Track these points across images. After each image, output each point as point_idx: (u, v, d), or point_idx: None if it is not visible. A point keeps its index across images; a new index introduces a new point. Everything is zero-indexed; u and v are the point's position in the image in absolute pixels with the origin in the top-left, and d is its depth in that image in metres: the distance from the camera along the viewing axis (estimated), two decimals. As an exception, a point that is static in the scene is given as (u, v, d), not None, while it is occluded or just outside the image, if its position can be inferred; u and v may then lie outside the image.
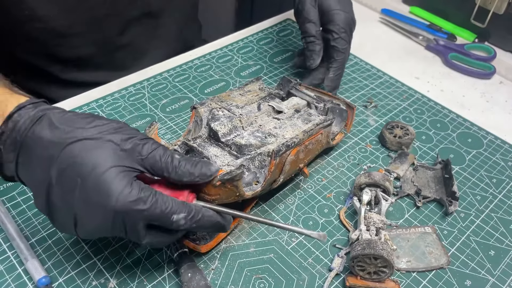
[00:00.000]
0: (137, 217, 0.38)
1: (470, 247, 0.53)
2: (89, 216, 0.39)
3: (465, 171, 0.63)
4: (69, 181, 0.38)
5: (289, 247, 0.52)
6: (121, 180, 0.38)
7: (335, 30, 0.66)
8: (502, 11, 0.83)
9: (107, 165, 0.38)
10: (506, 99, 0.77)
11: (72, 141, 0.39)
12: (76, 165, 0.38)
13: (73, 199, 0.38)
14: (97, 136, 0.39)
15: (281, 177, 0.52)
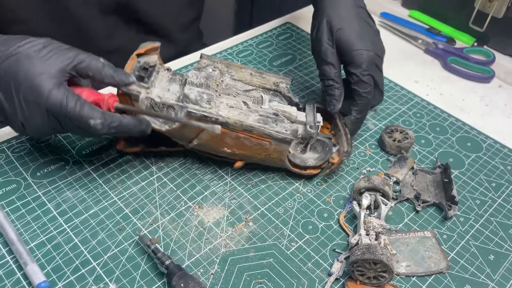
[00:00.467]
0: (64, 116, 0.47)
1: (469, 252, 0.53)
2: (29, 116, 0.48)
3: (464, 175, 0.63)
4: (8, 89, 0.47)
5: (288, 251, 0.52)
6: (50, 83, 0.46)
7: (356, 73, 0.59)
8: (501, 15, 0.83)
9: (37, 71, 0.46)
10: (505, 102, 0.77)
11: (8, 56, 0.47)
12: (12, 74, 0.46)
13: (14, 103, 0.47)
14: (29, 51, 0.47)
15: (195, 141, 0.55)
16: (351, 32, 0.60)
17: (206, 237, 0.53)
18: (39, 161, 0.59)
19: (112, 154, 0.61)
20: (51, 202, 0.55)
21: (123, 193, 0.56)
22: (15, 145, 0.61)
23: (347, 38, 0.60)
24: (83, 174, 0.58)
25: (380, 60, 0.63)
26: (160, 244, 0.51)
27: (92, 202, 0.55)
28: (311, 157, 0.60)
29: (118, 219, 0.53)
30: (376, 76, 0.61)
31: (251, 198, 0.57)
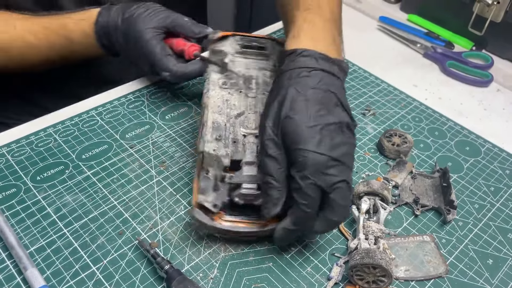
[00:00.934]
0: (151, 60, 0.65)
1: (468, 256, 0.53)
2: (133, 55, 0.67)
3: (463, 179, 0.63)
4: (126, 35, 0.65)
5: (288, 256, 0.52)
6: (149, 34, 0.64)
7: (296, 177, 0.45)
8: (500, 19, 0.83)
9: (142, 27, 0.64)
10: (504, 107, 0.77)
11: (128, 15, 0.65)
12: (130, 27, 0.65)
13: (129, 45, 0.66)
14: (139, 12, 0.65)
15: None
16: (300, 124, 0.46)
17: (206, 241, 0.53)
18: (39, 165, 0.59)
19: (112, 159, 0.61)
20: (51, 206, 0.55)
21: (123, 197, 0.56)
22: (15, 149, 0.61)
23: (293, 130, 0.46)
24: (83, 179, 0.58)
25: (339, 170, 0.45)
26: (160, 249, 0.51)
27: (92, 207, 0.55)
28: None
29: (117, 224, 0.54)
30: (328, 189, 0.45)
31: (250, 202, 0.57)
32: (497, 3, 0.82)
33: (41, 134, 0.64)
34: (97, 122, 0.66)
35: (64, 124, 0.66)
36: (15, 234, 0.50)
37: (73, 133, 0.64)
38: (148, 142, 0.64)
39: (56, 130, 0.65)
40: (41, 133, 0.64)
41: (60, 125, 0.65)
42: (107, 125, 0.66)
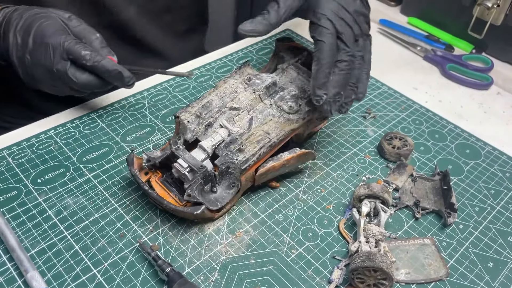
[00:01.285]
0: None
1: (468, 259, 0.53)
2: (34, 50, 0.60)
3: (463, 182, 0.63)
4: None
5: (288, 258, 0.52)
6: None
7: (313, 18, 0.55)
8: (499, 22, 0.84)
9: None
10: (504, 109, 0.77)
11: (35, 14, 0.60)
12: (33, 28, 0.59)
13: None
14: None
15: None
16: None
17: (206, 244, 0.53)
18: (40, 167, 0.59)
19: (113, 161, 0.61)
20: (52, 209, 0.55)
21: (124, 200, 0.57)
22: (15, 151, 0.61)
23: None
24: (84, 181, 0.58)
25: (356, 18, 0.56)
26: (161, 251, 0.51)
27: (93, 209, 0.55)
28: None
29: (118, 226, 0.54)
30: (345, 31, 0.54)
31: (251, 205, 0.57)
32: (497, 7, 0.82)
33: (42, 137, 0.64)
34: (98, 124, 0.67)
35: (65, 126, 0.66)
36: (16, 237, 0.50)
37: (74, 136, 0.64)
38: (149, 145, 0.64)
39: (57, 132, 0.65)
40: (42, 136, 0.64)
41: (61, 128, 0.66)
42: (108, 128, 0.66)
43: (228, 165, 0.54)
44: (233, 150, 0.54)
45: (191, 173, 0.52)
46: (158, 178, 0.55)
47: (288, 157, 0.56)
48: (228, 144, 0.55)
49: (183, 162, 0.52)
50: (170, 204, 0.51)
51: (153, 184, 0.54)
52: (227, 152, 0.54)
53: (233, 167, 0.54)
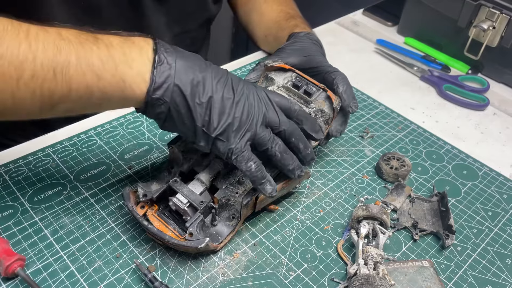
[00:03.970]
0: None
1: (467, 282, 0.53)
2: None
3: (461, 204, 0.63)
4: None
5: (286, 280, 0.51)
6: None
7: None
8: (495, 44, 0.85)
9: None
10: (500, 130, 0.78)
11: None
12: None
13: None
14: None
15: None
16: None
17: (204, 265, 0.52)
18: (37, 185, 0.59)
19: (110, 180, 0.61)
20: (48, 228, 0.54)
21: (121, 219, 0.56)
22: (12, 169, 0.61)
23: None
24: (81, 200, 0.58)
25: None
26: (157, 272, 0.51)
27: (89, 228, 0.55)
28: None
29: (115, 246, 0.53)
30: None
31: (249, 225, 0.57)
32: (492, 29, 0.83)
33: (39, 154, 0.63)
34: (96, 142, 0.66)
35: (63, 144, 0.66)
36: (11, 257, 0.50)
37: (71, 154, 0.64)
38: (146, 163, 0.64)
39: (54, 150, 0.64)
40: (39, 153, 0.64)
41: (58, 145, 0.65)
42: (105, 146, 0.66)
43: (228, 198, 0.54)
44: (233, 183, 0.55)
45: (190, 208, 0.52)
46: (155, 212, 0.54)
47: (287, 180, 0.56)
48: (227, 176, 0.55)
49: (182, 198, 0.52)
50: (172, 239, 0.50)
51: (150, 218, 0.53)
52: (227, 184, 0.54)
53: (233, 200, 0.54)
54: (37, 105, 0.45)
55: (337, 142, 0.71)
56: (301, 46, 0.68)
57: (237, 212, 0.54)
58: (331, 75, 0.63)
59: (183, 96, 0.47)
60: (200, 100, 0.47)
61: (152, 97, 0.46)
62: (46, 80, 0.43)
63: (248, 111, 0.50)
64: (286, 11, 0.80)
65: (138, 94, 0.46)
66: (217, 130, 0.48)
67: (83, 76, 0.44)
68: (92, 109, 0.50)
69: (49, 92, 0.44)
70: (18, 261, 0.48)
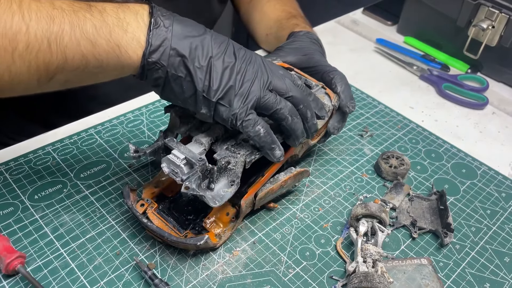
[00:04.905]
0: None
1: (465, 280, 0.53)
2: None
3: (459, 202, 0.63)
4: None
5: (286, 278, 0.52)
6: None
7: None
8: (494, 43, 0.85)
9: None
10: (499, 129, 0.78)
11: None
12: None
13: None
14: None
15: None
16: None
17: (203, 263, 0.53)
18: (37, 183, 0.59)
19: (110, 178, 0.61)
20: (48, 226, 0.54)
21: (121, 217, 0.56)
22: (13, 167, 0.61)
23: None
24: (81, 198, 0.58)
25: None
26: (157, 270, 0.51)
27: (90, 226, 0.55)
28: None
29: (115, 244, 0.53)
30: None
31: (248, 223, 0.57)
32: (492, 28, 0.83)
33: (40, 152, 0.64)
34: (96, 141, 0.67)
35: (63, 142, 0.66)
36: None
37: (71, 152, 0.64)
38: (147, 162, 0.64)
39: (54, 148, 0.65)
40: (40, 151, 0.64)
41: (58, 144, 0.66)
42: (105, 144, 0.66)
43: (229, 160, 0.50)
44: (234, 145, 0.52)
45: (187, 166, 0.48)
46: (155, 210, 0.54)
47: (285, 178, 0.56)
48: (227, 139, 0.53)
49: (179, 153, 0.48)
50: (171, 236, 0.50)
51: (150, 216, 0.53)
52: (228, 146, 0.52)
53: (234, 163, 0.50)
54: (35, 78, 0.44)
55: (337, 141, 0.71)
56: (300, 45, 0.68)
57: (237, 177, 0.50)
58: (329, 74, 0.63)
59: (182, 59, 0.45)
60: (199, 63, 0.46)
61: (148, 60, 0.45)
62: (41, 51, 0.43)
63: (251, 75, 0.48)
64: (288, 10, 0.81)
65: (134, 59, 0.45)
66: (218, 94, 0.47)
67: (77, 45, 0.43)
68: (90, 80, 0.48)
69: (45, 63, 0.43)
70: (19, 259, 0.48)
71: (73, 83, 0.47)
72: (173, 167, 0.49)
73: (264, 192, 0.54)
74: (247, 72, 0.48)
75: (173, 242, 0.50)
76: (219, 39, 0.48)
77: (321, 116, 0.56)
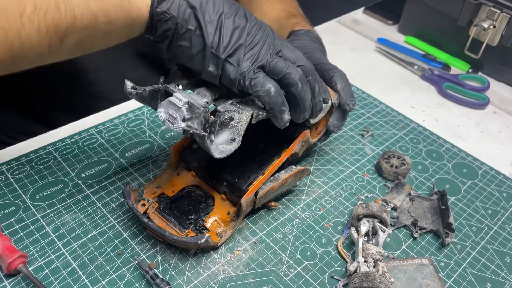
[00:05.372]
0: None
1: (466, 280, 0.54)
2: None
3: (460, 202, 0.63)
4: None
5: (287, 278, 0.52)
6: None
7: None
8: (495, 43, 0.85)
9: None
10: (500, 129, 0.78)
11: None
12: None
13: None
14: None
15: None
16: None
17: (205, 262, 0.53)
18: (38, 183, 0.59)
19: (112, 177, 0.61)
20: (50, 225, 0.54)
21: (122, 216, 0.56)
22: (14, 167, 0.61)
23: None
24: (82, 197, 0.58)
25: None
26: (159, 269, 0.51)
27: (91, 226, 0.55)
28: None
29: (116, 244, 0.53)
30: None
31: (249, 223, 0.57)
32: (493, 27, 0.83)
33: (41, 152, 0.64)
34: (97, 140, 0.67)
35: (64, 142, 0.66)
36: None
37: (73, 151, 0.64)
38: (148, 161, 0.64)
39: (56, 148, 0.65)
40: (41, 151, 0.64)
41: (60, 143, 0.66)
42: (107, 144, 0.66)
43: (232, 116, 0.48)
44: (239, 102, 0.50)
45: (189, 112, 0.45)
46: (156, 209, 0.54)
47: (286, 176, 0.56)
48: (232, 97, 0.50)
49: (182, 96, 0.44)
50: (172, 235, 0.50)
51: (151, 216, 0.53)
52: (233, 101, 0.50)
53: (238, 118, 0.48)
54: (45, 41, 0.43)
55: (338, 141, 0.71)
56: (300, 43, 0.68)
57: (239, 135, 0.47)
58: (329, 72, 0.63)
59: (192, 10, 0.44)
60: (210, 17, 0.45)
61: (157, 10, 0.44)
62: (49, 12, 0.42)
63: (261, 39, 0.47)
64: (287, 9, 0.81)
65: (144, 10, 0.44)
66: (227, 51, 0.45)
67: (86, 1, 0.43)
68: (101, 41, 0.47)
69: (54, 23, 0.42)
70: (20, 258, 0.48)
71: (85, 46, 0.46)
72: (172, 112, 0.45)
73: (264, 191, 0.55)
74: (257, 35, 0.47)
75: (174, 241, 0.50)
76: (230, 0, 0.47)
77: (325, 99, 0.55)
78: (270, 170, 0.56)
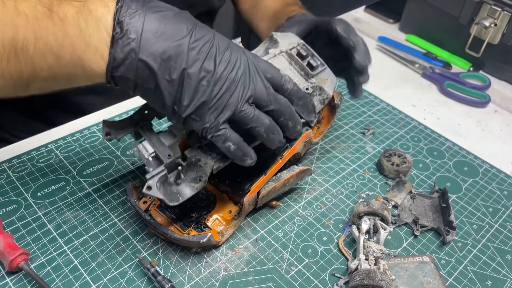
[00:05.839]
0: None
1: (467, 277, 0.54)
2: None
3: (461, 200, 0.63)
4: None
5: (288, 275, 0.52)
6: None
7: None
8: (497, 41, 0.85)
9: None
10: (501, 127, 0.78)
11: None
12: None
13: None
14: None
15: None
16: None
17: (206, 260, 0.53)
18: (40, 181, 0.59)
19: (113, 175, 0.61)
20: (52, 223, 0.55)
21: (124, 214, 0.57)
22: (16, 164, 0.61)
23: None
24: (84, 195, 0.58)
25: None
26: (160, 267, 0.51)
27: (93, 224, 0.55)
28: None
29: (118, 241, 0.54)
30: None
31: (250, 221, 0.58)
32: (494, 26, 0.83)
33: (43, 150, 0.64)
34: (99, 138, 0.67)
35: (66, 140, 0.66)
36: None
37: (74, 149, 0.65)
38: (149, 159, 0.64)
39: (57, 146, 0.65)
40: (43, 149, 0.64)
41: (61, 141, 0.66)
42: (108, 141, 0.66)
43: (199, 158, 0.49)
44: (208, 144, 0.50)
45: (155, 160, 0.47)
46: (157, 207, 0.54)
47: (288, 176, 0.56)
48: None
49: (149, 146, 0.47)
50: (174, 233, 0.50)
51: (153, 213, 0.53)
52: (201, 144, 0.51)
53: (204, 161, 0.49)
54: (11, 87, 0.44)
55: (339, 139, 0.71)
56: (300, 18, 0.68)
57: (205, 175, 0.49)
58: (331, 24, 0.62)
59: (151, 72, 0.42)
60: (170, 76, 0.42)
61: (113, 75, 0.42)
62: (10, 61, 0.42)
63: (229, 87, 0.44)
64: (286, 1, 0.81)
65: (100, 73, 0.42)
66: (188, 110, 0.44)
67: (43, 57, 0.42)
68: (66, 86, 0.46)
69: (17, 72, 0.42)
70: (22, 255, 0.48)
71: (51, 89, 0.46)
72: (142, 156, 0.48)
73: (266, 191, 0.55)
74: (227, 81, 0.44)
75: (175, 239, 0.51)
76: (201, 40, 0.43)
77: (308, 120, 0.55)
78: (272, 170, 0.56)
